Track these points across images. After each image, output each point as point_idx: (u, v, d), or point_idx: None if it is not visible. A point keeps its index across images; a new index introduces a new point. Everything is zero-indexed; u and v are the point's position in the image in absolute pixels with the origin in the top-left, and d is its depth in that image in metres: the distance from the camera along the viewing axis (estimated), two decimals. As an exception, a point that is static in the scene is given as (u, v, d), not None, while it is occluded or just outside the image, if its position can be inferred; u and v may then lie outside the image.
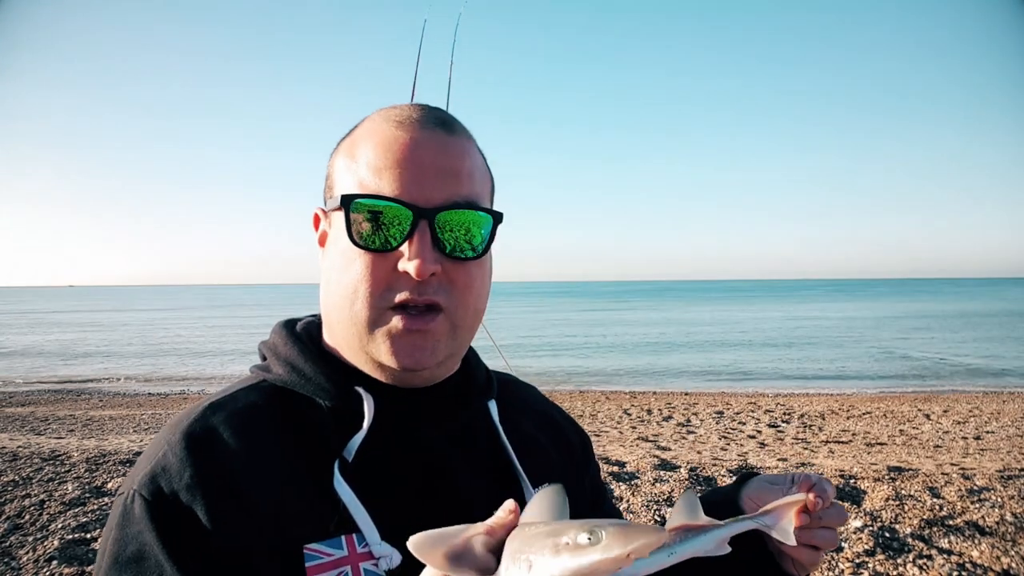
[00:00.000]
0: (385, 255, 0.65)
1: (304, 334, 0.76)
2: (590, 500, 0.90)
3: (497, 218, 0.70)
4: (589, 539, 0.40)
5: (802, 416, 10.09)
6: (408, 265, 0.64)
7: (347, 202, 0.65)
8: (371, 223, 0.65)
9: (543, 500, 0.49)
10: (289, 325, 0.78)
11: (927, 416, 9.88)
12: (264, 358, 0.77)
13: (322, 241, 0.74)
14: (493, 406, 0.80)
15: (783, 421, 9.63)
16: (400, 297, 0.65)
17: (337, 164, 0.71)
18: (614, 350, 25.18)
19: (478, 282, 0.70)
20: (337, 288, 0.68)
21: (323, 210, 0.74)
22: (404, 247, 0.65)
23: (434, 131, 0.68)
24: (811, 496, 0.65)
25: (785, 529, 0.64)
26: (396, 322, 0.65)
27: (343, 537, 0.63)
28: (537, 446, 0.84)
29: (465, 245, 0.67)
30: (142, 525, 0.60)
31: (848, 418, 9.84)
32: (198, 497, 0.61)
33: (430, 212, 0.65)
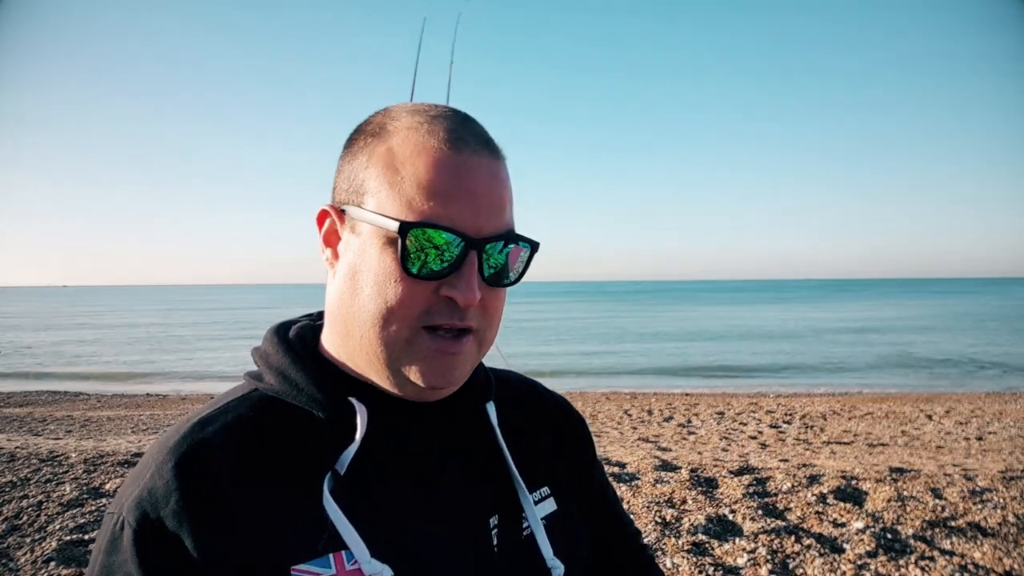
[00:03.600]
0: (430, 281, 0.65)
1: (297, 341, 0.74)
2: (598, 498, 0.89)
3: (535, 248, 0.71)
4: None
5: (803, 417, 10.08)
6: (456, 294, 0.64)
7: (404, 230, 0.63)
8: (422, 250, 0.63)
9: None
10: (281, 331, 0.76)
11: (929, 417, 9.87)
12: (257, 365, 0.75)
13: (328, 241, 0.71)
14: (491, 408, 0.79)
15: (784, 422, 9.62)
16: (439, 321, 0.65)
17: (371, 171, 0.67)
18: (615, 350, 25.18)
19: (503, 303, 0.71)
20: (371, 306, 0.65)
21: (335, 208, 0.70)
22: (452, 275, 0.65)
23: (483, 155, 0.67)
24: None
25: None
26: (430, 343, 0.65)
27: (331, 555, 0.62)
28: (535, 446, 0.83)
29: (505, 274, 0.68)
30: (128, 555, 0.60)
31: (850, 419, 9.83)
32: (184, 524, 0.60)
33: (480, 243, 0.64)
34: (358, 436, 0.66)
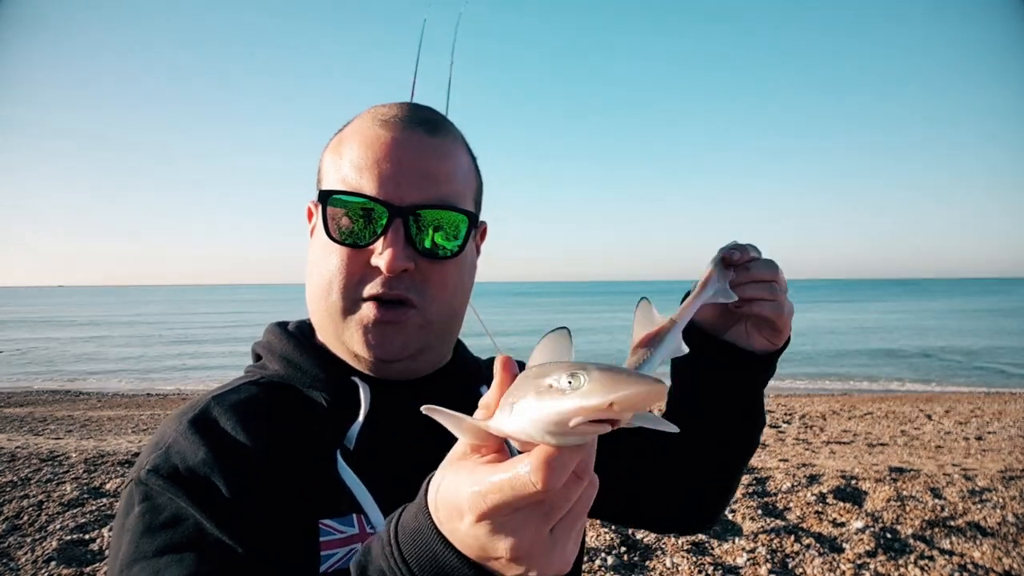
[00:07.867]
0: (360, 250, 0.68)
1: (297, 331, 0.79)
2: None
3: (473, 219, 0.72)
4: (570, 383, 0.36)
5: (803, 416, 10.08)
6: (380, 260, 0.66)
7: (325, 198, 0.68)
8: (348, 219, 0.67)
9: (550, 343, 0.47)
10: (282, 324, 0.81)
11: (929, 416, 9.86)
12: (259, 357, 0.79)
13: (313, 233, 0.77)
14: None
15: (784, 421, 9.61)
16: (370, 291, 0.67)
17: (325, 160, 0.74)
18: (614, 350, 25.19)
19: (453, 280, 0.72)
20: (317, 279, 0.71)
21: (315, 203, 0.76)
22: (378, 243, 0.67)
23: (416, 131, 0.69)
24: (725, 256, 0.72)
25: (723, 290, 0.70)
26: (368, 311, 0.68)
27: (353, 516, 0.66)
28: None
29: (439, 244, 0.69)
30: (170, 493, 0.61)
31: (849, 418, 9.82)
32: (215, 471, 0.62)
33: (405, 210, 0.66)
34: (362, 413, 0.70)
